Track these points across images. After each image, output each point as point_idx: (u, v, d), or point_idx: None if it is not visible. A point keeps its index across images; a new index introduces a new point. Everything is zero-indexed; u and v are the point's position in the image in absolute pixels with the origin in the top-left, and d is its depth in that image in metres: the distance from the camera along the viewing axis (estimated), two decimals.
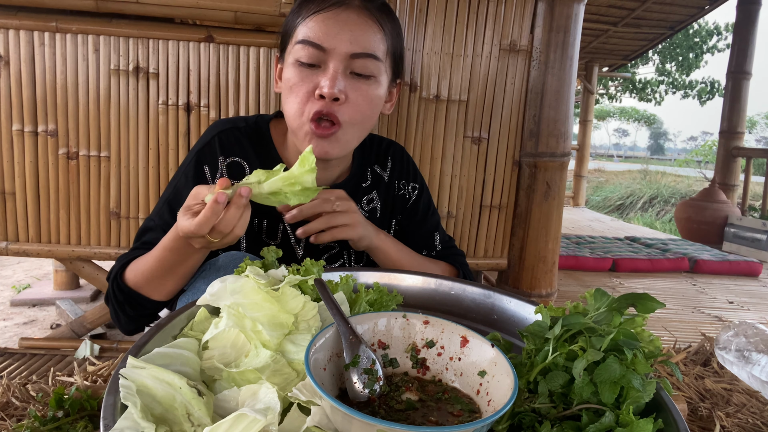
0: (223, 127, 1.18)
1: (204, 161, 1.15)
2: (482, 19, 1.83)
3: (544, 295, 2.00)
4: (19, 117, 1.71)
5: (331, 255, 1.26)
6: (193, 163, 1.15)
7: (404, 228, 1.32)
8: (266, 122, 1.23)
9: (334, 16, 1.04)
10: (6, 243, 1.78)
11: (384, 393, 0.61)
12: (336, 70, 1.03)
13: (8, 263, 3.50)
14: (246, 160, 1.17)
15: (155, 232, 1.11)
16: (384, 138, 1.35)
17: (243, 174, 1.16)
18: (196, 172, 1.14)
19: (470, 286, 0.92)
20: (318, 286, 0.72)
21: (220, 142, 1.16)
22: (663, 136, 57.92)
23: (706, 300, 3.25)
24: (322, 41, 1.03)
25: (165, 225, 1.09)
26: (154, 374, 0.56)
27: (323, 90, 1.02)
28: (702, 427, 1.44)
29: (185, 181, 1.14)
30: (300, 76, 1.05)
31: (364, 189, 1.27)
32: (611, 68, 8.82)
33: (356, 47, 1.04)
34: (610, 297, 0.64)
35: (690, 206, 5.72)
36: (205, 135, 1.19)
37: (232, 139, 1.17)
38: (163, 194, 1.18)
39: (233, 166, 1.16)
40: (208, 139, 1.16)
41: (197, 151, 1.16)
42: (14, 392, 1.36)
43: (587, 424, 0.56)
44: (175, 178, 1.17)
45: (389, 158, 1.32)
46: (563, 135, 1.91)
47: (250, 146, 1.18)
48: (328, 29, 1.03)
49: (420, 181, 1.35)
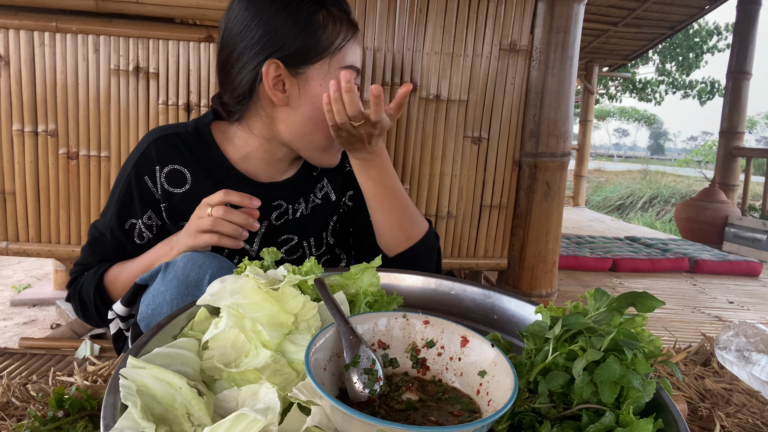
0: (158, 134, 1.17)
1: (143, 172, 1.14)
2: (482, 19, 1.83)
3: (544, 295, 2.00)
4: (19, 117, 1.71)
5: (291, 246, 1.26)
6: (133, 176, 1.14)
7: (358, 199, 1.30)
8: (206, 125, 1.21)
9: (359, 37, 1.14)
10: (6, 243, 1.78)
11: (384, 393, 0.61)
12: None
13: (8, 263, 3.50)
14: (185, 166, 1.16)
15: (105, 248, 1.17)
16: None
17: (184, 181, 1.16)
18: (138, 184, 1.14)
19: (470, 286, 0.92)
20: (318, 286, 0.72)
21: (156, 150, 1.15)
22: (663, 136, 57.92)
23: (706, 300, 3.25)
24: (359, 65, 1.14)
25: (116, 243, 1.16)
26: (154, 374, 0.56)
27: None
28: (702, 427, 1.44)
29: (127, 196, 1.15)
30: None
31: (315, 178, 1.28)
32: (611, 68, 8.82)
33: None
34: (610, 297, 0.64)
35: (690, 206, 5.72)
36: (140, 145, 1.17)
37: (169, 146, 1.15)
38: (108, 207, 1.18)
39: (172, 173, 1.15)
40: (143, 149, 1.15)
41: (135, 163, 1.15)
42: (14, 392, 1.36)
43: (587, 424, 0.56)
44: (117, 191, 1.17)
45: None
46: (563, 135, 1.91)
47: (189, 152, 1.16)
48: (360, 53, 1.14)
49: None
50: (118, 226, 1.15)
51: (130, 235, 1.16)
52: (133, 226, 1.16)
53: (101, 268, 1.16)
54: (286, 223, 1.25)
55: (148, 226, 1.16)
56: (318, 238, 1.30)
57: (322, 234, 1.31)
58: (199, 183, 1.16)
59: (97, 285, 1.14)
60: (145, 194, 1.15)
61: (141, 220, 1.16)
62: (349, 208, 1.32)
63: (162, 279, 0.94)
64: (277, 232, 1.25)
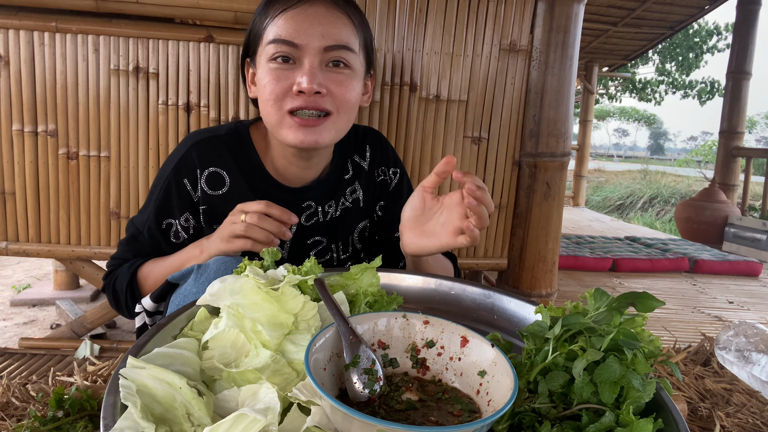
0: (198, 138, 1.18)
1: (183, 175, 1.16)
2: (482, 19, 1.83)
3: (544, 295, 2.00)
4: (19, 117, 1.71)
5: (320, 249, 1.26)
6: (172, 178, 1.16)
7: (389, 210, 1.32)
8: (246, 127, 1.22)
9: (302, 12, 1.04)
10: (6, 243, 1.78)
11: (384, 393, 0.61)
12: (312, 64, 1.03)
13: (8, 263, 3.50)
14: (225, 170, 1.17)
15: (141, 245, 1.19)
16: (359, 126, 1.34)
17: (223, 184, 1.17)
18: (177, 186, 1.15)
19: (470, 286, 0.92)
20: (318, 286, 0.72)
21: (197, 153, 1.16)
22: (663, 136, 57.92)
23: (706, 300, 3.25)
24: (294, 38, 1.03)
25: (152, 240, 1.18)
26: (154, 374, 0.56)
27: (302, 86, 1.01)
28: (702, 427, 1.44)
29: (166, 197, 1.16)
30: (275, 75, 1.04)
31: (346, 181, 1.28)
32: (611, 68, 8.82)
33: (329, 40, 1.04)
34: (610, 297, 0.64)
35: (690, 206, 5.72)
36: (180, 147, 1.19)
37: (209, 149, 1.17)
38: (147, 205, 1.19)
39: (212, 176, 1.16)
40: (184, 152, 1.16)
41: (175, 166, 1.16)
42: (14, 392, 1.36)
43: (587, 424, 0.55)
44: (156, 191, 1.18)
45: (368, 146, 1.31)
46: (563, 135, 1.91)
47: (229, 155, 1.17)
48: (298, 25, 1.03)
49: (400, 165, 1.36)
50: (155, 225, 1.17)
51: (167, 235, 1.18)
52: (170, 225, 1.18)
53: (136, 263, 1.18)
54: (316, 225, 1.25)
55: (184, 227, 1.18)
56: (345, 242, 1.30)
57: (349, 238, 1.31)
58: (237, 186, 1.18)
59: (130, 279, 1.16)
60: (183, 197, 1.16)
61: (178, 221, 1.18)
62: (378, 217, 1.33)
63: (194, 280, 0.95)
64: (306, 234, 1.25)
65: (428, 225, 1.01)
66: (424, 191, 1.02)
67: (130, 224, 1.22)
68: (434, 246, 0.99)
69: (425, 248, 1.00)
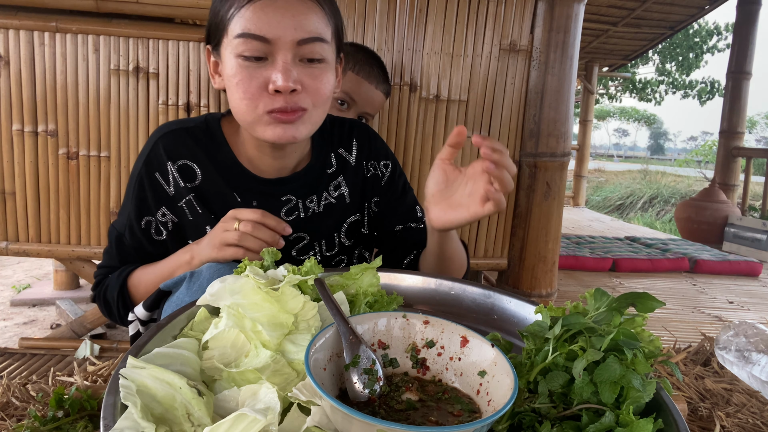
0: (166, 130, 1.15)
1: (153, 168, 1.13)
2: (482, 19, 1.83)
3: (544, 295, 2.00)
4: (19, 117, 1.71)
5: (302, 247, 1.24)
6: (144, 173, 1.13)
7: (386, 205, 1.29)
8: (217, 120, 1.19)
9: (271, 3, 0.98)
10: (6, 243, 1.78)
11: (384, 393, 0.61)
12: (286, 61, 0.98)
13: (8, 263, 3.50)
14: (196, 162, 1.14)
15: (126, 248, 1.17)
16: (345, 119, 1.30)
17: (194, 177, 1.14)
18: (150, 181, 1.13)
19: (470, 286, 0.92)
20: (318, 286, 0.72)
21: (164, 145, 1.13)
22: (663, 136, 57.92)
23: (706, 300, 3.25)
24: (265, 32, 0.97)
25: (135, 242, 1.16)
26: (154, 374, 0.56)
27: (277, 84, 0.97)
28: (702, 427, 1.44)
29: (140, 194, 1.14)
30: (246, 72, 1.00)
31: (329, 175, 1.24)
32: (611, 68, 8.83)
33: (302, 33, 0.99)
34: (610, 297, 0.64)
35: (690, 206, 5.72)
36: (149, 141, 1.16)
37: (177, 141, 1.14)
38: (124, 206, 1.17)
39: (183, 169, 1.14)
40: (152, 146, 1.14)
41: (144, 161, 1.14)
42: (14, 392, 1.36)
43: (587, 424, 0.56)
44: (130, 189, 1.16)
45: (354, 140, 1.27)
46: (563, 135, 1.91)
47: (198, 147, 1.14)
48: (268, 18, 0.97)
49: (392, 157, 1.32)
50: (136, 223, 1.14)
51: (148, 233, 1.16)
52: (150, 223, 1.16)
53: (125, 271, 1.16)
54: (297, 220, 1.22)
55: (163, 222, 1.15)
56: (329, 239, 1.27)
57: (334, 235, 1.29)
58: (209, 178, 1.15)
59: (120, 288, 1.14)
60: (157, 190, 1.14)
61: (156, 218, 1.15)
62: (375, 213, 1.31)
63: (187, 288, 0.93)
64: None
65: (454, 197, 0.99)
66: (443, 163, 0.99)
67: (111, 229, 1.19)
68: (463, 217, 0.97)
69: (454, 221, 0.98)
